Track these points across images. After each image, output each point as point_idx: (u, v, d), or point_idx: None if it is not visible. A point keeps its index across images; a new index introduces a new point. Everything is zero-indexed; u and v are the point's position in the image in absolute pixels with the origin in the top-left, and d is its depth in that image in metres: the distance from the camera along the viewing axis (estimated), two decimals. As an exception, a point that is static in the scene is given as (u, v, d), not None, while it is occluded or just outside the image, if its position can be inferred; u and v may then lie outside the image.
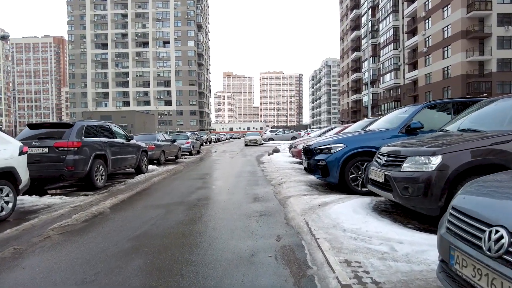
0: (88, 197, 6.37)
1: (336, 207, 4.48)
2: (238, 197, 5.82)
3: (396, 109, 6.57)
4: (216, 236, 3.65)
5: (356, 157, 5.38)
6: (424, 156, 3.38)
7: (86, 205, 5.52)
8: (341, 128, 10.70)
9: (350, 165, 5.37)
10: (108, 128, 8.62)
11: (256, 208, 4.87)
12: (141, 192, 6.79)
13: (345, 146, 5.41)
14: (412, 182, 3.36)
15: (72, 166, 6.75)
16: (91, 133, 7.63)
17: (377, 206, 4.64)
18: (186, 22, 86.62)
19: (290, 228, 3.82)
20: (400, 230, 3.42)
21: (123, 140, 9.19)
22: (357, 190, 5.38)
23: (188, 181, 8.19)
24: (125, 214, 4.87)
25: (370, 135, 5.61)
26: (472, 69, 38.82)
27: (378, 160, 4.18)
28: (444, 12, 41.98)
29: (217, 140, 48.75)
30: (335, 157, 5.40)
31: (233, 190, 6.52)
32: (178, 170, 10.80)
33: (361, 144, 5.41)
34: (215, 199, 5.78)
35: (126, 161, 9.08)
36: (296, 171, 8.89)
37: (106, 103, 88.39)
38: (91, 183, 7.26)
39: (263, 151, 19.51)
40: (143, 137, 13.65)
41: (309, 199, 5.09)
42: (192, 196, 6.07)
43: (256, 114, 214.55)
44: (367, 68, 66.98)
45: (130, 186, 7.57)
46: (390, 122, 6.15)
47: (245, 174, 9.02)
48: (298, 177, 7.51)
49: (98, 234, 3.88)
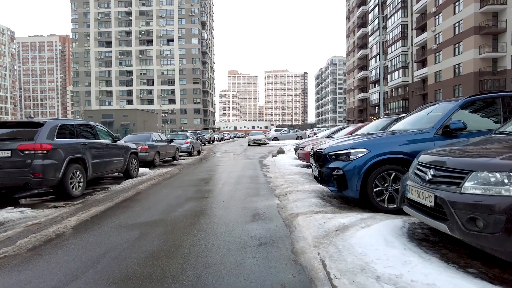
0: (56, 210, 5.34)
1: (360, 235, 3.38)
2: (233, 213, 4.74)
3: (425, 106, 5.42)
4: (195, 284, 2.57)
5: (382, 166, 4.27)
6: (501, 172, 2.27)
7: (47, 223, 4.48)
8: (354, 128, 9.54)
9: (375, 175, 4.25)
10: (89, 127, 7.58)
11: (254, 232, 3.78)
12: (121, 203, 5.74)
13: (368, 151, 4.30)
14: (484, 212, 2.25)
15: (40, 172, 5.73)
16: (66, 134, 6.60)
17: (413, 232, 3.53)
18: (190, 19, 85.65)
19: (299, 271, 2.73)
20: (463, 282, 2.31)
21: (108, 141, 8.16)
22: (382, 207, 4.27)
23: (179, 189, 7.13)
24: (87, 238, 3.81)
25: (397, 138, 4.48)
26: (485, 66, 37.31)
27: (420, 173, 3.07)
28: (456, 7, 40.45)
29: (220, 139, 47.66)
30: (355, 165, 4.28)
31: (228, 203, 5.44)
32: (171, 174, 9.74)
33: (388, 149, 4.29)
34: (205, 215, 4.70)
35: (111, 165, 8.04)
36: (304, 177, 7.78)
37: (110, 101, 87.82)
38: (65, 192, 6.23)
39: (267, 152, 18.42)
40: (136, 137, 12.65)
41: (323, 220, 4.00)
42: (178, 211, 5.00)
43: (260, 113, 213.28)
44: (374, 66, 65.84)
45: (111, 195, 6.53)
46: (420, 122, 5.02)
47: (246, 180, 7.93)
48: (307, 186, 6.41)
49: (36, 273, 2.83)
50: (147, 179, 8.66)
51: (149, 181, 8.27)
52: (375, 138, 4.58)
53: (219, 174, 9.65)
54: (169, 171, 10.47)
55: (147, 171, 10.24)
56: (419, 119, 5.14)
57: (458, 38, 39.91)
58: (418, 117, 5.20)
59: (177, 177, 9.20)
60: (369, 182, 4.27)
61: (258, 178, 8.29)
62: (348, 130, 9.83)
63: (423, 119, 5.11)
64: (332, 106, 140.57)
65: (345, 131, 10.08)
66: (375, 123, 7.75)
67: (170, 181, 8.40)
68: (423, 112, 5.26)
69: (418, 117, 5.22)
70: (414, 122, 5.09)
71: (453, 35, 40.87)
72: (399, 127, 5.29)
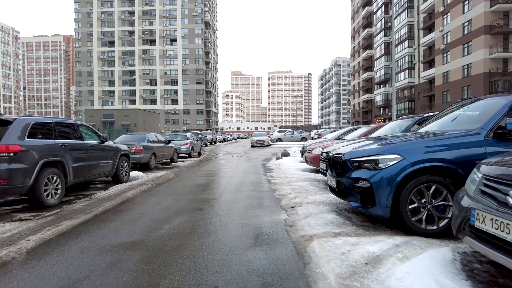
0: (21, 224, 4.48)
1: (401, 273, 2.48)
2: (231, 233, 3.85)
3: (463, 103, 4.49)
4: None
5: (419, 177, 3.36)
6: None
7: (1, 243, 3.62)
8: (368, 130, 8.60)
9: (410, 189, 3.34)
10: (71, 126, 6.72)
11: (256, 264, 2.89)
12: (99, 216, 4.87)
13: (402, 158, 3.38)
14: None
15: (5, 178, 4.87)
16: (41, 133, 5.74)
17: (470, 268, 2.62)
18: (193, 19, 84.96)
19: None
20: None
21: (95, 141, 7.30)
22: (418, 229, 3.36)
23: (170, 197, 6.24)
24: (39, 269, 2.94)
25: (436, 142, 3.55)
26: (495, 66, 36.20)
27: (493, 193, 2.16)
28: (465, 6, 39.37)
29: (223, 140, 46.79)
30: (386, 175, 3.37)
31: (226, 217, 4.55)
32: (166, 179, 8.86)
33: (428, 155, 3.37)
34: (195, 236, 3.81)
35: (96, 169, 7.17)
36: (313, 184, 6.88)
37: (112, 101, 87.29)
38: (37, 201, 5.37)
39: (270, 154, 17.51)
40: (130, 137, 11.80)
41: (345, 246, 3.09)
42: (164, 228, 4.11)
43: (264, 114, 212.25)
44: (379, 66, 64.76)
45: (92, 204, 5.66)
46: (461, 122, 4.12)
47: (247, 187, 7.04)
48: (318, 196, 5.50)
49: None
50: (138, 185, 7.78)
51: (140, 187, 7.39)
52: (409, 142, 3.65)
53: (218, 179, 8.76)
54: (164, 175, 9.60)
55: (140, 175, 9.38)
56: (458, 118, 4.23)
57: (467, 38, 38.83)
58: (457, 116, 4.29)
59: (171, 182, 8.32)
60: (402, 197, 3.35)
61: (261, 184, 7.40)
62: (361, 131, 8.89)
63: (462, 118, 4.21)
64: (335, 108, 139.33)
65: (357, 132, 9.15)
66: (395, 123, 6.81)
67: (163, 187, 7.51)
68: (462, 110, 4.35)
69: (457, 116, 4.30)
70: (453, 122, 4.18)
71: (462, 34, 39.80)
72: (432, 128, 4.38)
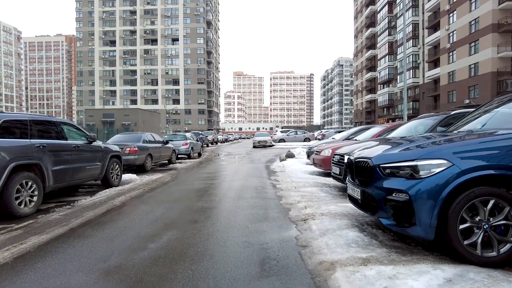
0: (-20, 240, 3.75)
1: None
2: (230, 256, 3.09)
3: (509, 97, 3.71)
4: None
5: (473, 188, 2.59)
6: None
7: None
8: (382, 129, 7.81)
9: (462, 204, 2.58)
10: (51, 124, 5.98)
11: (264, 308, 2.14)
12: (76, 229, 4.12)
13: (451, 164, 2.61)
14: None
15: (-35, 185, 4.14)
16: (13, 132, 5.01)
17: None
18: (195, 18, 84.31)
19: None
20: None
21: (81, 142, 6.57)
22: (472, 257, 2.59)
23: (162, 206, 5.49)
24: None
25: (493, 143, 2.77)
26: (503, 65, 35.29)
27: None
28: (472, 4, 38.49)
29: (224, 140, 46.05)
30: (430, 186, 2.60)
31: (225, 234, 3.79)
32: (161, 183, 8.12)
33: (484, 161, 2.61)
34: (185, 260, 3.06)
35: (82, 172, 6.44)
36: (324, 190, 6.11)
37: (114, 101, 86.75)
38: (6, 210, 4.64)
39: (273, 155, 16.76)
40: (125, 137, 11.08)
41: (380, 281, 2.33)
42: (149, 248, 3.36)
43: (266, 114, 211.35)
44: (383, 66, 63.89)
45: (71, 214, 4.92)
46: (509, 120, 3.35)
47: (249, 194, 6.28)
48: (332, 205, 4.74)
49: None
50: (129, 189, 7.04)
51: (130, 192, 6.65)
52: (457, 143, 2.89)
53: (218, 183, 8.01)
54: (160, 178, 8.86)
55: (133, 178, 8.64)
56: (508, 115, 3.46)
57: (474, 36, 37.94)
58: (506, 113, 3.52)
59: (166, 186, 7.57)
60: (451, 214, 2.59)
61: (266, 190, 6.64)
62: (374, 131, 8.11)
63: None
64: (338, 108, 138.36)
65: (370, 132, 8.36)
66: (417, 122, 6.03)
67: (156, 192, 6.77)
68: (509, 107, 3.58)
69: (506, 113, 3.53)
70: (505, 120, 3.40)
71: (469, 33, 38.90)
72: (475, 127, 3.60)
